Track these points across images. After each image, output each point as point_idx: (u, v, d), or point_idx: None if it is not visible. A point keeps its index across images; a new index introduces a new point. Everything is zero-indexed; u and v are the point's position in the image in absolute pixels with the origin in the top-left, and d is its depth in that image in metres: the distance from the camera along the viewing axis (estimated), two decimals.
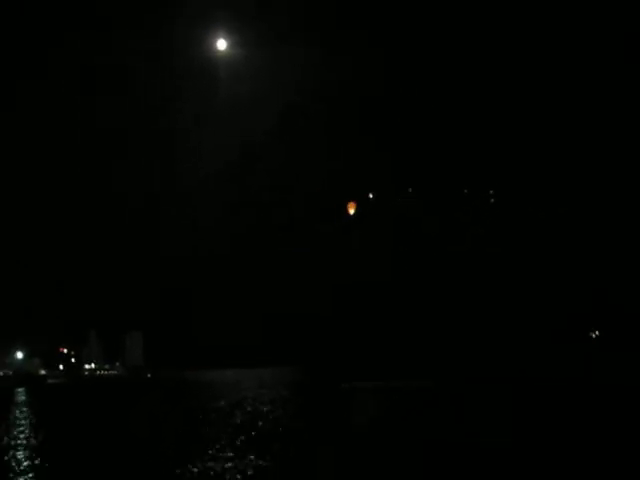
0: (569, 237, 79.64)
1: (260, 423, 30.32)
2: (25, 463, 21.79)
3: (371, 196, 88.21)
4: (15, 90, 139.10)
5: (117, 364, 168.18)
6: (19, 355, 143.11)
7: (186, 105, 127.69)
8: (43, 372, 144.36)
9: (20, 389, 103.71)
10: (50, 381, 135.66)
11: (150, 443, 25.89)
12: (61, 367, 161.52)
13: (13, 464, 21.66)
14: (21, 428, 34.83)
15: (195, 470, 18.82)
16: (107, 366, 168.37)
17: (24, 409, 53.47)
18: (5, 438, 29.74)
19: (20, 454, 24.00)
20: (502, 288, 79.20)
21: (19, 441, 28.42)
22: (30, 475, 19.56)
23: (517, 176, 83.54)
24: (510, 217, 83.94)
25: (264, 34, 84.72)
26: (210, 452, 21.86)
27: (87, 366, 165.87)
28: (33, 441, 28.41)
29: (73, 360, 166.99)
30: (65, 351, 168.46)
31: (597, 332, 78.35)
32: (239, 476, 17.74)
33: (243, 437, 25.47)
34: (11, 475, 19.63)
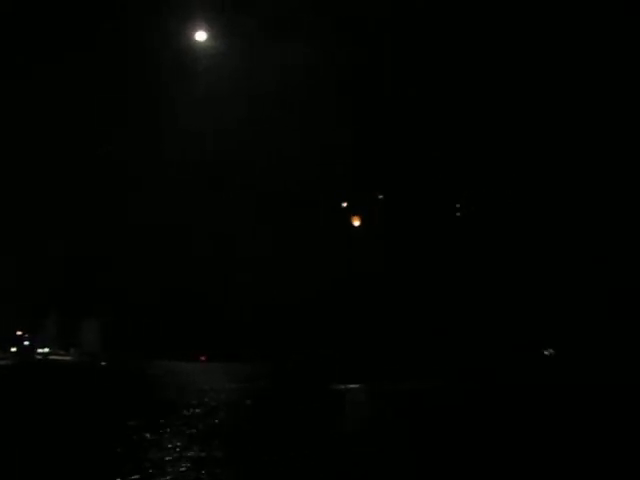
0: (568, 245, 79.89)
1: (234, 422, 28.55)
2: None
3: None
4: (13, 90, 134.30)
5: (72, 350, 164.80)
6: None
7: (167, 98, 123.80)
8: None
9: None
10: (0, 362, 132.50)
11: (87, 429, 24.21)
12: (13, 349, 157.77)
13: None
14: None
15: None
16: (62, 351, 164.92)
17: None
18: None
19: None
20: (500, 285, 78.63)
21: None
22: None
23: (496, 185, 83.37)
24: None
25: (246, 25, 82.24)
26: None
27: (40, 350, 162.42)
28: None
29: (26, 343, 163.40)
30: (19, 334, 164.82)
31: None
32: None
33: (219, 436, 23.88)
34: None
